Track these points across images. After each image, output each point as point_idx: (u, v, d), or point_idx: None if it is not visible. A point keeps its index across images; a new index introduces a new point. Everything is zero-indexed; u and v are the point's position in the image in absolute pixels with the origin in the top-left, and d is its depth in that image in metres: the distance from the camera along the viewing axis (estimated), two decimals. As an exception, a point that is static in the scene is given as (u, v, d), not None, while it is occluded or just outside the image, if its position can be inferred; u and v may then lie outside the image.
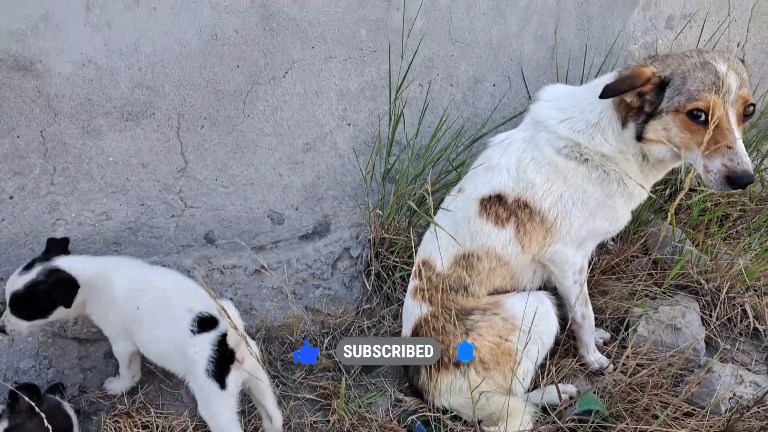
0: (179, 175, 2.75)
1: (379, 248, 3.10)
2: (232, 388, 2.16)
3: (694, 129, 2.11)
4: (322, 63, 2.83)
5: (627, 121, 2.31)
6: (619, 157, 2.38)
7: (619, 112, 2.32)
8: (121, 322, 2.34)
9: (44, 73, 2.37)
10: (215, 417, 2.18)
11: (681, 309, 2.94)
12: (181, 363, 2.25)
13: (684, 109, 2.11)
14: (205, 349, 2.14)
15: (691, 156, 2.16)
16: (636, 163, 2.39)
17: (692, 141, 2.13)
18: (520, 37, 3.22)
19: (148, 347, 2.35)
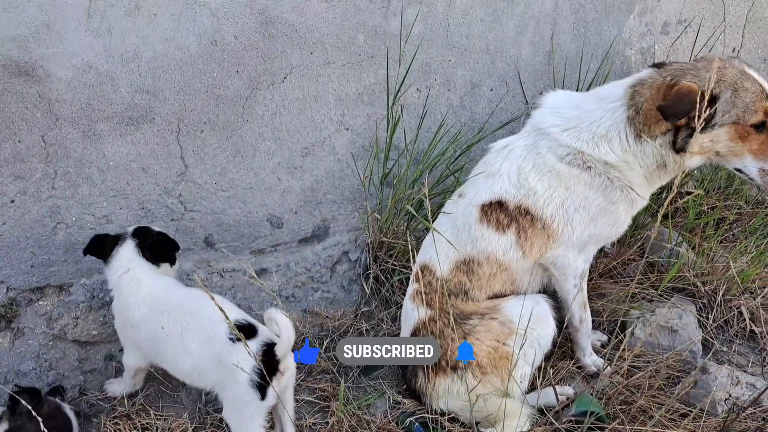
0: (179, 179, 2.77)
1: (378, 252, 3.12)
2: (271, 399, 2.13)
3: (750, 138, 2.23)
4: (320, 68, 2.86)
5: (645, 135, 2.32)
6: (623, 166, 2.40)
7: (633, 126, 2.34)
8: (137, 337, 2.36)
9: (45, 79, 2.41)
10: (245, 426, 2.15)
11: (677, 311, 2.96)
12: (215, 374, 2.20)
13: (746, 121, 2.20)
14: (248, 358, 2.07)
15: (738, 162, 2.29)
16: (643, 173, 2.42)
17: (744, 149, 2.25)
18: (517, 43, 3.25)
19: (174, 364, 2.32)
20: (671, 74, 2.30)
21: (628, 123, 2.36)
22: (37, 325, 2.66)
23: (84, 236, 2.68)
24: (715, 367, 2.70)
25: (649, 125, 2.32)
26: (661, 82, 2.30)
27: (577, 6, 3.31)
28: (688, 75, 2.26)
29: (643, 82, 2.36)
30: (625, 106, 2.36)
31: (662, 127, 2.30)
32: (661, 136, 2.32)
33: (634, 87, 2.37)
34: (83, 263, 2.71)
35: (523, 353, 2.48)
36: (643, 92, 2.34)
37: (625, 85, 2.40)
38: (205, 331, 2.20)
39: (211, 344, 2.17)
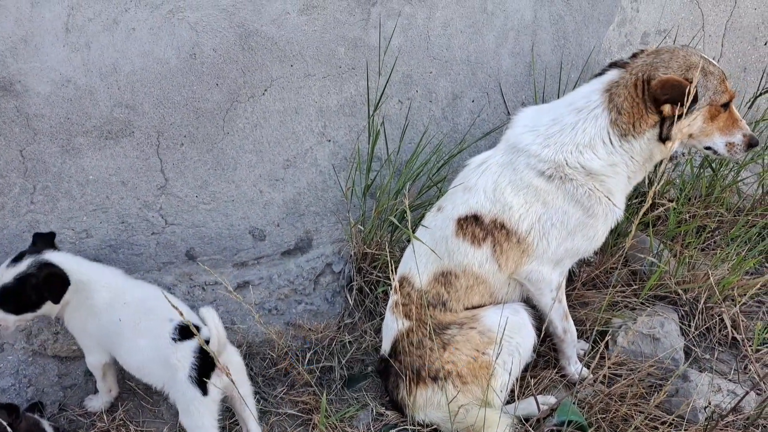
0: (159, 192, 2.77)
1: (362, 263, 3.12)
2: (214, 394, 2.19)
3: (719, 117, 2.44)
4: (301, 81, 2.87)
5: (632, 133, 2.40)
6: (608, 171, 2.44)
7: (618, 127, 2.40)
8: (98, 332, 2.35)
9: (23, 93, 2.40)
10: (196, 423, 2.20)
11: (659, 319, 2.98)
12: (162, 373, 2.27)
13: (717, 102, 2.40)
14: (187, 356, 2.18)
15: (708, 140, 2.48)
16: (627, 173, 2.47)
17: (713, 127, 2.45)
18: (497, 54, 3.27)
19: (127, 358, 2.36)
20: (641, 70, 2.38)
21: (612, 126, 2.40)
22: (17, 340, 2.64)
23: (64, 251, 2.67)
24: (696, 374, 2.72)
25: (633, 123, 2.39)
26: (636, 79, 2.37)
27: (557, 17, 3.34)
28: (660, 68, 2.35)
29: (617, 83, 2.41)
30: (606, 111, 2.40)
31: (649, 121, 2.38)
32: (649, 130, 2.39)
33: (609, 90, 2.41)
34: (63, 278, 2.69)
35: (503, 362, 2.49)
36: (619, 92, 2.39)
37: (598, 90, 2.44)
38: (154, 329, 2.26)
39: (157, 342, 2.24)
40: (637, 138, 2.40)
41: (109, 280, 2.42)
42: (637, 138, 2.40)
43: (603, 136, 2.41)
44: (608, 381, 2.73)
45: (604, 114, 2.41)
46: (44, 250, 2.37)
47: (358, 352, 2.96)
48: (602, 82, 2.46)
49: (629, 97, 2.37)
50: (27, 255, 2.31)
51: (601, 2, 3.43)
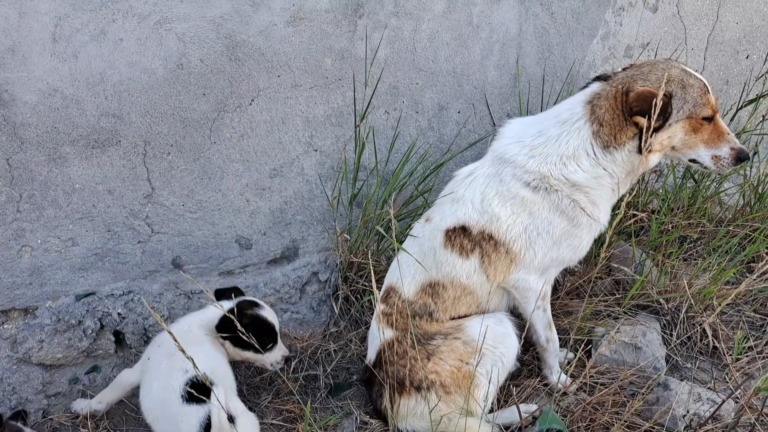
0: (146, 201, 2.79)
1: (348, 272, 3.14)
2: None
3: (702, 129, 2.44)
4: (288, 91, 2.90)
5: (613, 144, 2.43)
6: (592, 182, 2.48)
7: (600, 139, 2.43)
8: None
9: (10, 102, 2.42)
10: None
11: (642, 328, 3.01)
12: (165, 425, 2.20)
13: (698, 115, 2.40)
14: (194, 427, 2.09)
15: (692, 153, 2.48)
16: (612, 184, 2.51)
17: (697, 140, 2.45)
18: (483, 66, 3.32)
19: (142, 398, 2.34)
20: (621, 82, 2.42)
21: (594, 137, 2.44)
22: (1, 348, 2.64)
23: (49, 259, 2.68)
24: (676, 383, 2.74)
25: (614, 134, 2.42)
26: (616, 91, 2.41)
27: (541, 31, 3.39)
28: (638, 80, 2.39)
29: (599, 95, 2.45)
30: (588, 123, 2.44)
31: (629, 133, 2.41)
32: (629, 142, 2.42)
33: (591, 102, 2.46)
34: (48, 286, 2.70)
35: (486, 372, 2.51)
36: (601, 104, 2.43)
37: (581, 102, 2.48)
38: (168, 378, 2.20)
39: (167, 396, 2.18)
40: (618, 150, 2.44)
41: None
42: (618, 150, 2.44)
43: (586, 147, 2.45)
44: (590, 389, 2.76)
45: (587, 126, 2.44)
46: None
47: (343, 360, 2.98)
48: (585, 95, 2.50)
49: (610, 108, 2.41)
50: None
51: (585, 16, 3.49)
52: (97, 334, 2.73)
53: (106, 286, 2.80)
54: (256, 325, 2.45)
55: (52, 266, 2.69)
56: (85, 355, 2.71)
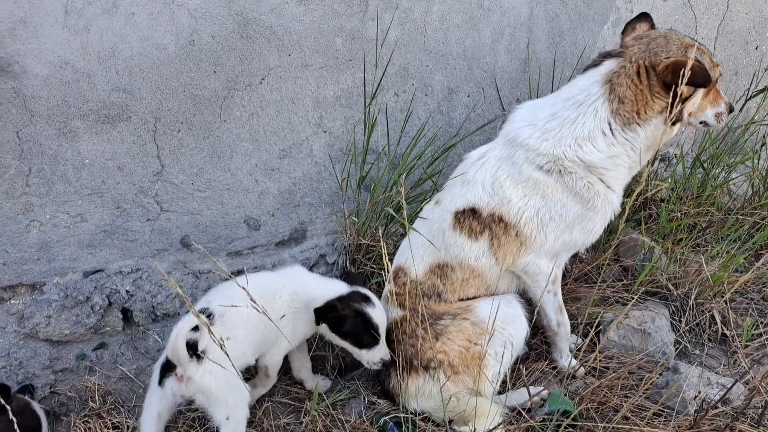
0: (155, 178, 2.77)
1: (356, 255, 3.13)
2: (167, 389, 2.20)
3: (710, 92, 2.55)
4: (298, 70, 2.89)
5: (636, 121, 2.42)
6: (607, 163, 2.46)
7: (620, 117, 2.42)
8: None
9: (21, 75, 2.41)
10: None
11: (651, 314, 3.00)
12: None
13: (715, 78, 2.50)
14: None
15: (702, 115, 2.60)
16: (628, 163, 2.49)
17: (706, 102, 2.56)
18: (493, 50, 3.31)
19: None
20: (640, 57, 2.40)
21: (613, 116, 2.42)
22: (8, 323, 2.63)
23: (58, 235, 2.67)
24: (686, 366, 2.74)
25: (637, 110, 2.41)
26: (638, 66, 2.39)
27: (552, 15, 3.38)
28: (660, 53, 2.37)
29: (617, 73, 2.43)
30: (607, 102, 2.42)
31: (656, 107, 2.41)
32: (657, 115, 2.42)
33: (610, 80, 2.43)
34: (56, 262, 2.69)
35: (495, 353, 2.50)
36: (621, 82, 2.41)
37: (597, 82, 2.45)
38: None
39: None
40: (642, 125, 2.42)
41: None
42: (642, 125, 2.42)
43: (603, 127, 2.43)
44: (599, 374, 2.75)
45: (605, 105, 2.42)
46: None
47: (350, 341, 2.96)
48: (600, 74, 2.46)
49: (632, 85, 2.39)
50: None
51: (596, 2, 3.47)
52: (105, 311, 2.72)
53: (114, 263, 2.78)
54: (358, 322, 2.39)
55: (60, 242, 2.68)
56: (92, 332, 2.70)
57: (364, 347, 2.44)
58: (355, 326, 2.38)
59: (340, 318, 2.37)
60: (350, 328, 2.39)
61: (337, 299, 2.38)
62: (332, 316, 2.36)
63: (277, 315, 2.32)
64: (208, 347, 2.14)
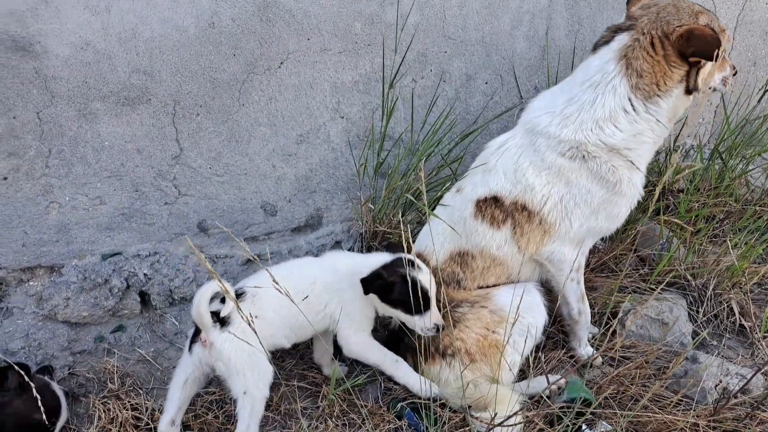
0: (174, 162, 2.77)
1: (372, 242, 3.12)
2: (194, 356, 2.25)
3: (720, 60, 2.48)
4: (317, 55, 2.87)
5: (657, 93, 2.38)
6: (631, 142, 2.42)
7: (641, 91, 2.38)
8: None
9: (42, 55, 2.40)
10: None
11: (668, 304, 2.99)
12: None
13: (724, 44, 2.39)
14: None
15: (712, 81, 2.56)
16: (653, 139, 2.47)
17: (715, 68, 2.52)
18: (512, 37, 3.28)
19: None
20: (653, 28, 2.36)
21: (634, 91, 2.38)
22: (27, 305, 2.63)
23: (77, 217, 2.67)
24: (705, 356, 2.72)
25: (657, 82, 2.37)
26: (652, 37, 2.35)
27: (572, 2, 3.35)
28: (673, 22, 2.33)
29: (631, 47, 2.38)
30: (625, 78, 2.38)
31: (675, 77, 2.37)
32: (677, 85, 2.39)
33: (625, 56, 2.39)
34: (75, 244, 2.69)
35: (513, 341, 2.48)
36: (636, 56, 2.37)
37: (612, 59, 2.41)
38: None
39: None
40: (663, 97, 2.39)
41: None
42: (663, 97, 2.39)
43: (624, 104, 2.40)
44: (617, 363, 2.74)
45: (623, 82, 2.38)
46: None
47: (367, 328, 2.95)
48: (614, 50, 2.42)
49: (648, 57, 2.35)
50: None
51: (615, -11, 3.45)
52: (123, 293, 2.72)
53: (132, 246, 2.78)
54: (406, 287, 2.26)
55: (79, 224, 2.68)
56: (110, 314, 2.70)
57: (416, 313, 2.33)
58: (403, 291, 2.25)
59: (387, 285, 2.29)
60: (399, 294, 2.29)
61: (382, 267, 2.32)
62: (379, 284, 2.29)
63: (318, 300, 2.33)
64: (231, 317, 2.18)
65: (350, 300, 2.38)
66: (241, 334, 2.13)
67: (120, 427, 2.29)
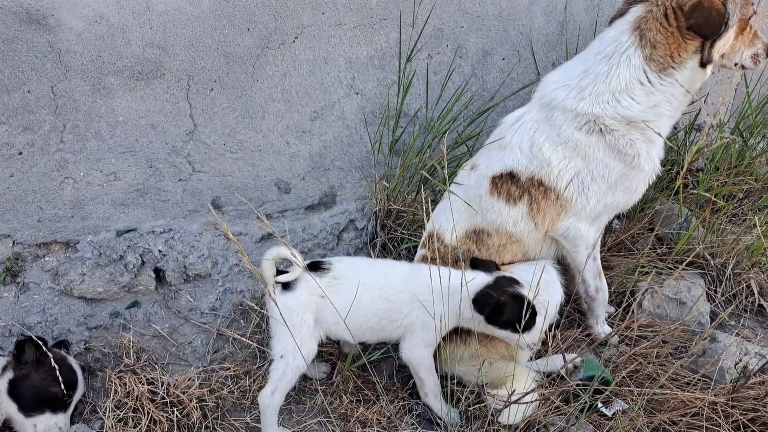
0: (188, 138, 2.75)
1: (386, 220, 3.10)
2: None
3: (745, 31, 2.46)
4: (331, 29, 2.83)
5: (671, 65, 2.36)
6: (649, 114, 2.39)
7: (655, 62, 2.35)
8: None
9: (56, 28, 2.38)
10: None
11: (686, 284, 2.96)
12: None
13: (745, 16, 2.41)
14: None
15: (737, 56, 2.51)
16: (670, 112, 2.44)
17: (740, 43, 2.47)
18: (530, 11, 3.22)
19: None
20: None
21: (648, 62, 2.36)
22: (43, 280, 2.64)
23: (91, 193, 2.66)
24: (724, 336, 2.70)
25: (671, 54, 2.35)
26: (666, 8, 2.32)
27: (591, -24, 3.28)
28: None
29: (645, 18, 2.36)
30: (639, 49, 2.36)
31: (689, 49, 2.34)
32: (692, 56, 2.36)
33: (638, 27, 2.37)
34: (90, 220, 2.69)
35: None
36: (650, 27, 2.35)
37: (626, 30, 2.39)
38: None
39: None
40: (678, 69, 2.36)
41: None
42: (678, 69, 2.36)
43: (639, 76, 2.37)
44: (633, 343, 2.71)
45: (638, 53, 2.36)
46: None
47: (381, 305, 2.94)
48: (628, 22, 2.40)
49: (662, 28, 2.33)
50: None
51: (636, -37, 3.36)
52: (138, 270, 2.72)
53: (146, 222, 2.78)
54: (516, 305, 2.18)
55: (94, 200, 2.67)
56: (125, 290, 2.70)
57: (525, 331, 2.21)
58: (514, 312, 2.17)
59: (499, 305, 2.17)
60: (509, 315, 2.18)
61: (488, 286, 2.22)
62: (490, 304, 2.17)
63: (401, 310, 2.31)
64: (295, 285, 2.25)
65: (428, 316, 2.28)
66: (295, 303, 2.18)
67: (136, 401, 2.30)
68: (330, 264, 2.35)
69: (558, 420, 2.31)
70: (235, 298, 2.81)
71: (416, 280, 2.32)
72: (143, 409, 2.28)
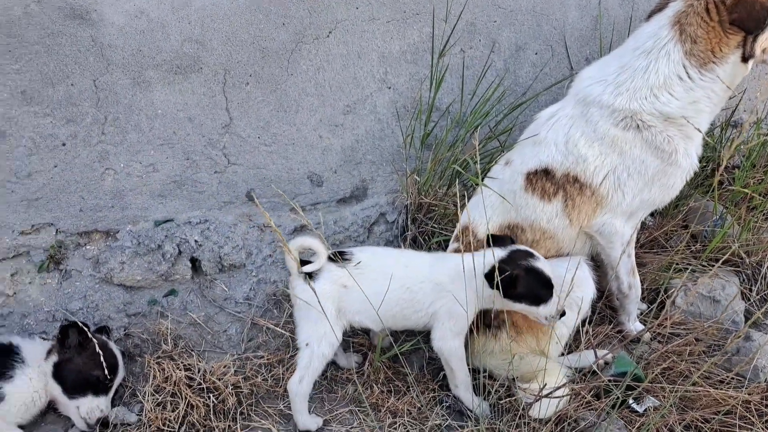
0: (224, 131, 2.81)
1: (417, 214, 3.12)
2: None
3: None
4: (365, 24, 2.86)
5: (713, 60, 2.32)
6: (688, 110, 2.36)
7: (695, 57, 2.32)
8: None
9: (99, 23, 2.45)
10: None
11: (720, 282, 2.92)
12: None
13: None
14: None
15: None
16: (710, 108, 2.40)
17: None
18: (563, 6, 3.20)
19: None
20: None
21: (688, 57, 2.33)
22: (85, 268, 2.72)
23: (131, 183, 2.74)
24: (759, 335, 2.66)
25: (713, 49, 2.31)
26: (708, 2, 2.29)
27: (627, -31, 3.25)
28: None
29: (685, 13, 2.33)
30: (679, 44, 2.33)
31: (731, 44, 2.30)
32: (734, 51, 2.32)
33: (678, 21, 2.34)
34: (129, 210, 2.76)
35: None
36: (690, 22, 2.31)
37: (665, 25, 2.36)
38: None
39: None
40: (719, 64, 2.33)
41: None
42: (719, 64, 2.33)
43: (679, 71, 2.34)
44: (666, 340, 2.69)
45: (677, 48, 2.33)
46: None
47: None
48: (667, 17, 2.37)
49: (703, 23, 2.29)
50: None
51: (673, -44, 3.31)
52: (175, 259, 2.78)
53: (183, 213, 2.84)
54: (530, 278, 2.21)
55: (133, 191, 2.75)
56: (163, 279, 2.77)
57: (541, 303, 2.25)
58: (528, 284, 2.20)
59: (512, 279, 2.18)
60: (524, 288, 2.21)
61: (501, 261, 2.22)
62: (503, 278, 2.16)
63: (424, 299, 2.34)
64: (318, 274, 2.30)
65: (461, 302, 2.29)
66: (319, 292, 2.21)
67: (174, 386, 2.37)
68: (352, 254, 2.38)
69: (589, 415, 2.32)
70: (268, 289, 2.86)
71: (439, 270, 2.36)
72: (181, 394, 2.34)
